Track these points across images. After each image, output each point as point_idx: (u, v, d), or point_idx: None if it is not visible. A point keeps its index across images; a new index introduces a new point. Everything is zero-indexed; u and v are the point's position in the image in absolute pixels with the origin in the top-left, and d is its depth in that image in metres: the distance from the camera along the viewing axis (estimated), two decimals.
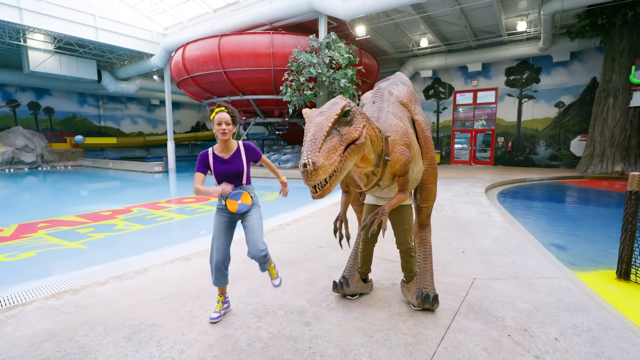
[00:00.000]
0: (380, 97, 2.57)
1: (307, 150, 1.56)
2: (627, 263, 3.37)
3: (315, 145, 1.57)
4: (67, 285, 3.14)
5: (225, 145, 2.37)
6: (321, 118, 1.72)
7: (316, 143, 1.58)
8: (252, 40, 13.65)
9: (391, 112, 2.44)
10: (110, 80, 22.22)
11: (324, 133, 1.63)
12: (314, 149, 1.56)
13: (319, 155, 1.55)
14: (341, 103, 1.79)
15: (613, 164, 12.64)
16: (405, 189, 2.34)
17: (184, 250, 4.15)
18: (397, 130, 2.30)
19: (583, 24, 12.81)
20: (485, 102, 18.07)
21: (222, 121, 2.28)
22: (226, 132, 2.29)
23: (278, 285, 2.61)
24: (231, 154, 2.38)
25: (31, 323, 2.42)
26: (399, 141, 2.27)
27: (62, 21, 15.30)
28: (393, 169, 2.27)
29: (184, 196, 9.86)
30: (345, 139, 1.73)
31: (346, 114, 1.77)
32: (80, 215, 6.99)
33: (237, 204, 2.34)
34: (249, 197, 2.40)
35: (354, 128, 1.80)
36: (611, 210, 7.69)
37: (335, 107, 1.77)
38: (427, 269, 2.67)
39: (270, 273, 2.58)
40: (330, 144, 1.65)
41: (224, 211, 2.42)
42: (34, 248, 4.83)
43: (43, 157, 21.20)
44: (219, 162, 2.35)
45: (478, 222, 5.38)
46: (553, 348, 2.08)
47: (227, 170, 2.34)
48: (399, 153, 2.24)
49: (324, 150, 1.59)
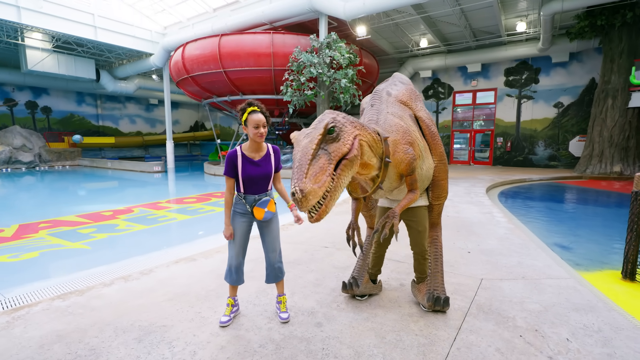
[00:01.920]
0: (379, 98, 2.54)
1: (295, 178, 1.54)
2: (632, 263, 3.38)
3: (301, 172, 1.55)
4: (72, 286, 3.12)
5: (257, 146, 2.29)
6: (306, 141, 1.68)
7: (302, 169, 1.56)
8: (252, 40, 13.62)
9: (390, 112, 2.40)
10: (109, 79, 22.13)
11: (308, 158, 1.60)
12: (301, 176, 1.54)
13: (305, 181, 1.52)
14: (325, 120, 1.74)
15: (612, 165, 12.70)
16: (414, 188, 2.29)
17: (189, 251, 4.13)
18: (397, 129, 2.26)
19: (582, 24, 12.86)
20: (485, 103, 18.12)
21: (260, 124, 2.19)
22: (263, 134, 2.21)
23: (286, 319, 2.40)
24: (261, 156, 2.31)
25: (39, 324, 2.40)
26: (401, 140, 2.23)
27: (61, 20, 15.21)
28: (399, 169, 2.23)
29: (184, 196, 9.82)
30: (334, 157, 1.69)
31: (330, 130, 1.71)
32: (81, 216, 6.95)
33: (264, 212, 2.31)
34: (274, 204, 2.37)
35: (343, 143, 1.74)
36: (611, 210, 7.74)
37: (319, 126, 1.72)
38: (438, 270, 2.66)
39: (281, 306, 2.47)
40: (318, 166, 1.61)
41: (246, 215, 2.36)
42: (37, 249, 4.79)
43: (41, 157, 21.08)
44: (248, 163, 2.26)
45: (481, 222, 5.39)
46: (565, 349, 2.08)
47: (256, 174, 2.27)
48: (402, 152, 2.20)
49: (311, 174, 1.57)
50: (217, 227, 6.24)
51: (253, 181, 2.28)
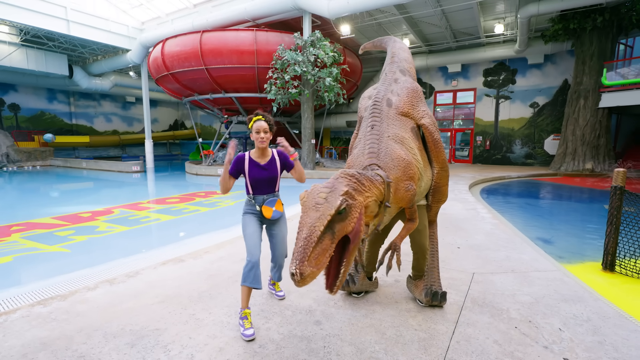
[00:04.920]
0: (379, 114, 2.41)
1: (297, 259, 1.48)
2: (612, 255, 3.54)
3: (305, 253, 1.49)
4: (53, 291, 2.95)
5: (262, 152, 2.44)
6: (315, 216, 1.58)
7: (306, 251, 1.49)
8: (235, 37, 13.39)
9: (392, 137, 2.30)
10: (83, 76, 21.21)
11: (314, 240, 1.52)
12: (303, 258, 1.48)
13: (306, 264, 1.47)
14: (338, 198, 1.63)
15: (584, 162, 13.32)
16: (414, 218, 2.30)
17: (176, 252, 4.01)
18: (398, 164, 2.18)
19: (556, 27, 13.40)
20: (464, 102, 18.59)
21: (261, 129, 2.35)
22: (264, 140, 2.36)
23: (282, 296, 2.77)
24: (267, 161, 2.44)
25: (20, 332, 2.25)
26: (402, 177, 2.16)
27: (30, 12, 14.44)
28: (399, 205, 2.21)
29: (167, 196, 9.54)
30: (338, 236, 1.62)
31: (342, 211, 1.64)
32: (57, 217, 6.61)
33: (272, 210, 2.42)
34: (282, 204, 2.50)
35: (349, 222, 1.66)
36: (586, 205, 8.10)
37: (332, 203, 1.62)
38: (435, 265, 2.68)
39: (275, 287, 2.83)
40: (321, 248, 1.55)
41: (256, 215, 2.45)
42: (10, 253, 4.52)
43: (9, 157, 19.99)
44: (255, 167, 2.41)
45: (467, 218, 5.51)
46: (559, 338, 2.15)
47: (262, 176, 2.40)
48: (403, 190, 2.15)
49: (314, 257, 1.51)
50: (204, 227, 6.09)
51: (260, 183, 2.41)
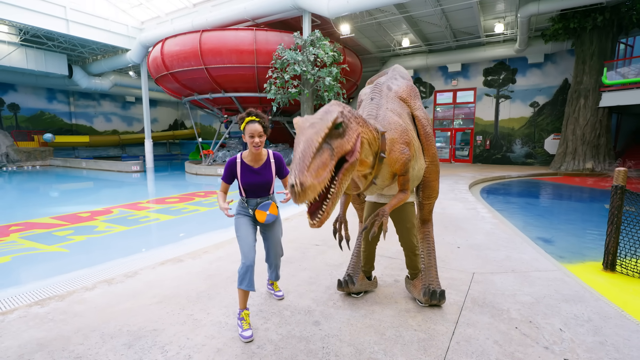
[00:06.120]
0: (379, 92, 2.52)
1: (296, 170, 1.47)
2: (613, 255, 3.52)
3: (303, 164, 1.48)
4: (51, 291, 2.94)
5: (255, 155, 2.27)
6: (311, 131, 1.60)
7: (305, 161, 1.49)
8: (234, 37, 13.36)
9: (390, 109, 2.38)
10: (82, 75, 21.17)
11: (313, 150, 1.52)
12: (302, 168, 1.46)
13: (306, 175, 1.45)
14: (334, 113, 1.65)
15: (584, 161, 13.29)
16: (406, 189, 2.28)
17: (175, 252, 3.99)
18: (396, 128, 2.23)
19: (556, 27, 13.37)
20: (464, 102, 18.55)
21: (255, 134, 2.15)
22: (259, 144, 2.17)
23: (281, 296, 2.71)
24: (261, 164, 2.29)
25: (16, 333, 2.23)
26: (399, 139, 2.20)
27: (30, 12, 14.40)
28: (393, 168, 2.21)
29: (166, 196, 9.52)
30: (337, 153, 1.62)
31: (338, 126, 1.65)
32: (56, 217, 6.60)
33: (265, 215, 2.30)
34: (276, 207, 2.38)
35: (347, 140, 1.68)
36: (586, 204, 8.08)
37: (327, 118, 1.64)
38: (432, 264, 2.67)
39: (274, 286, 2.76)
40: (320, 161, 1.55)
41: (250, 217, 2.36)
42: (8, 253, 4.50)
43: (8, 157, 19.98)
44: (248, 172, 2.26)
45: (467, 218, 5.49)
46: (560, 338, 2.13)
47: (255, 181, 2.27)
48: (398, 152, 2.17)
49: (313, 169, 1.50)
50: (203, 227, 6.07)
51: (253, 188, 2.30)
